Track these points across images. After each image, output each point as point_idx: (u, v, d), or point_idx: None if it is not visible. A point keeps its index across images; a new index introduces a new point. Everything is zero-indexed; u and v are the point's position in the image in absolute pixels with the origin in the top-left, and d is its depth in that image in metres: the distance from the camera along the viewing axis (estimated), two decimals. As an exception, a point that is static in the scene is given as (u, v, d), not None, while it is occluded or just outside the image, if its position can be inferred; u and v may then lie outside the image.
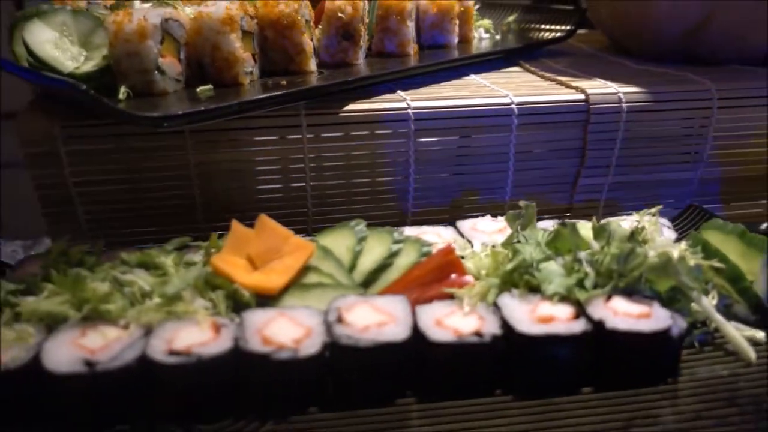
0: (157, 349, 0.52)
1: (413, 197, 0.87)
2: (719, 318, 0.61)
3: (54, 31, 0.73)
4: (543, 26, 1.21)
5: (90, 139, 0.74)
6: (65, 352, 0.51)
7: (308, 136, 0.81)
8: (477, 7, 1.19)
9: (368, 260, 0.66)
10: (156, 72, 0.72)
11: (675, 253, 0.61)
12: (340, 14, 0.88)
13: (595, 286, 0.60)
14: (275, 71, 0.85)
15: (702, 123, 0.92)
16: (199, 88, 0.76)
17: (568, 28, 1.16)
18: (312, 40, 0.88)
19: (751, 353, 0.59)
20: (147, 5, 0.75)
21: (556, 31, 1.17)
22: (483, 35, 1.17)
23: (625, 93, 0.89)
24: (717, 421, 0.53)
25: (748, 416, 0.53)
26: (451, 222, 0.78)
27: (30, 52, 0.69)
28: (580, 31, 1.27)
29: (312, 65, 0.86)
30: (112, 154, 0.75)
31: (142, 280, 0.59)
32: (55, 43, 0.72)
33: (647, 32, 1.06)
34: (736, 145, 0.94)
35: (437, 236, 0.73)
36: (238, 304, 0.59)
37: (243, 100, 0.74)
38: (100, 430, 0.51)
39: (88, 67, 0.72)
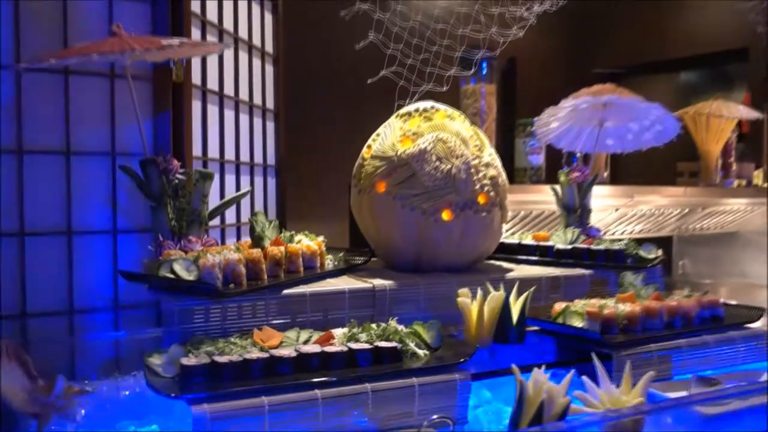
0: (246, 354, 1.71)
1: (308, 328, 2.14)
2: (414, 347, 1.92)
3: (179, 265, 1.95)
4: (355, 259, 2.62)
5: (190, 302, 1.93)
6: (221, 358, 1.68)
7: (269, 303, 2.06)
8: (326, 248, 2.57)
9: (302, 338, 1.91)
10: (217, 278, 1.97)
11: (399, 329, 1.94)
12: (274, 257, 2.20)
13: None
14: (251, 278, 2.12)
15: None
16: (230, 285, 2.01)
17: (366, 258, 2.58)
18: (264, 266, 2.18)
19: (422, 356, 1.91)
20: (211, 255, 2.00)
21: (361, 260, 2.58)
22: (329, 262, 2.54)
23: (388, 284, 2.27)
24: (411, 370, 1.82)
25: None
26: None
27: (174, 273, 1.91)
28: (374, 259, 2.71)
29: (265, 276, 2.16)
30: (196, 310, 1.95)
31: (231, 344, 1.78)
32: (179, 268, 1.94)
33: (395, 260, 2.52)
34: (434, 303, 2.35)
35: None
36: (263, 349, 1.80)
37: (246, 289, 2.00)
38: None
39: (192, 277, 1.94)
